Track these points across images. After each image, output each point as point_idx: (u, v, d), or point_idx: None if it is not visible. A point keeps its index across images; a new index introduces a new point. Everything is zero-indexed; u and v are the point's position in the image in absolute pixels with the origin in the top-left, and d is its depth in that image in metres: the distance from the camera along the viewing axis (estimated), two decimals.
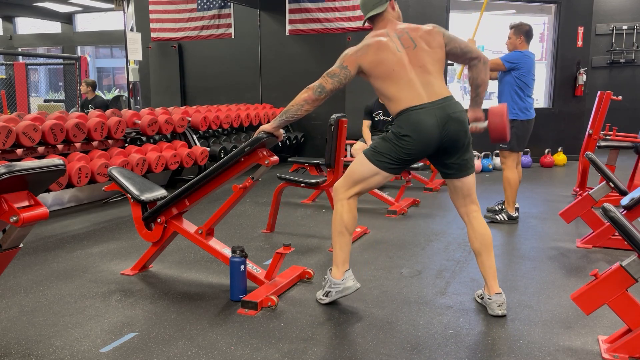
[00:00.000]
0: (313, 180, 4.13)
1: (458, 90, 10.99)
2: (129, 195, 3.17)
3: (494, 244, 3.91)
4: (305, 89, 2.67)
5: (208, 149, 6.13)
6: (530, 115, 4.45)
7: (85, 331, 2.48)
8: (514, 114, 4.42)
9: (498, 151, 4.74)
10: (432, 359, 2.24)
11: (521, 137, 4.45)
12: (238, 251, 2.81)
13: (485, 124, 2.89)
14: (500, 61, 4.41)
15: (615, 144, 5.57)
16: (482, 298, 2.80)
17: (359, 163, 2.67)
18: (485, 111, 2.83)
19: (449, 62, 7.97)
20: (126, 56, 7.49)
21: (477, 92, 2.81)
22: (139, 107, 9.17)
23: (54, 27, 16.38)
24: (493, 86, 4.59)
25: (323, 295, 2.79)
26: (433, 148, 2.58)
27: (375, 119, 6.08)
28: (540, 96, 8.41)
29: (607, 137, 5.64)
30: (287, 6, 7.85)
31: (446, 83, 2.80)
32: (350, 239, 2.74)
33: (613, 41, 9.25)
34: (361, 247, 3.79)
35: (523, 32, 4.44)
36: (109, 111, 5.60)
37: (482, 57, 2.73)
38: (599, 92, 5.68)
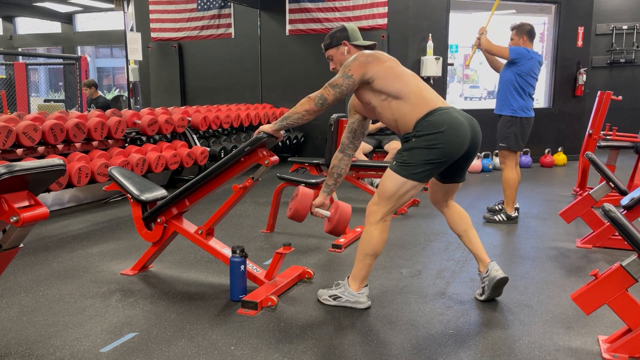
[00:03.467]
0: (313, 180, 4.12)
1: (459, 89, 10.97)
2: (129, 195, 3.18)
3: (494, 244, 3.94)
4: (307, 98, 2.64)
5: (208, 149, 6.13)
6: (529, 114, 4.45)
7: (85, 331, 2.48)
8: (512, 111, 4.42)
9: (497, 151, 4.73)
10: (432, 359, 2.24)
11: (519, 135, 4.44)
12: (238, 251, 2.81)
13: (328, 213, 2.89)
14: (506, 50, 4.39)
15: (615, 144, 5.57)
16: (482, 295, 2.81)
17: (390, 180, 2.56)
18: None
19: (449, 62, 7.95)
20: (126, 56, 7.49)
21: (337, 181, 2.91)
22: (139, 107, 9.17)
23: (54, 27, 16.39)
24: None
25: (331, 297, 2.78)
26: (464, 148, 2.53)
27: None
28: (540, 96, 8.41)
29: (607, 137, 5.64)
30: (287, 6, 7.86)
31: (447, 83, 2.83)
32: (374, 262, 2.69)
33: (613, 41, 9.24)
34: None
35: (525, 32, 4.43)
36: (109, 111, 5.60)
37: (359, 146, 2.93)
38: (599, 92, 5.68)
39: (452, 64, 8.03)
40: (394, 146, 5.95)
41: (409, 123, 2.53)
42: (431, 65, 7.22)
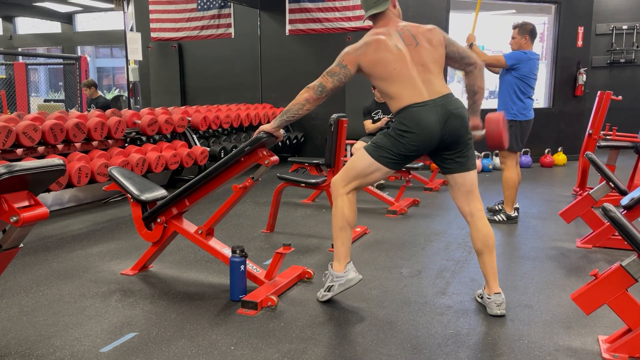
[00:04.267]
0: (313, 180, 4.13)
1: (459, 89, 10.96)
2: (129, 195, 3.17)
3: None
4: (306, 88, 2.69)
5: (208, 149, 6.13)
6: (529, 116, 4.45)
7: (85, 331, 2.48)
8: (513, 115, 4.42)
9: (497, 151, 4.72)
10: (432, 359, 2.24)
11: (520, 137, 4.45)
12: (238, 251, 2.81)
13: (482, 132, 2.90)
14: (502, 58, 4.39)
15: (615, 144, 5.57)
16: (482, 298, 2.80)
17: (360, 158, 2.68)
18: (483, 118, 2.84)
19: None
20: (126, 56, 7.49)
21: (474, 99, 2.84)
22: (139, 107, 9.17)
23: (54, 27, 16.38)
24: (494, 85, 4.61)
25: (325, 291, 2.78)
26: (435, 144, 2.59)
27: (375, 117, 6.09)
28: (540, 96, 8.41)
29: (607, 137, 5.64)
30: (287, 6, 7.86)
31: (446, 82, 2.82)
32: (352, 234, 2.75)
33: (613, 41, 9.24)
34: (361, 247, 3.79)
35: (527, 32, 4.42)
36: (109, 111, 5.61)
37: (478, 63, 2.77)
38: (599, 92, 5.68)
39: None
40: None
41: (394, 107, 2.66)
42: None
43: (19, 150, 4.53)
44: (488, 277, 2.71)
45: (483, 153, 7.27)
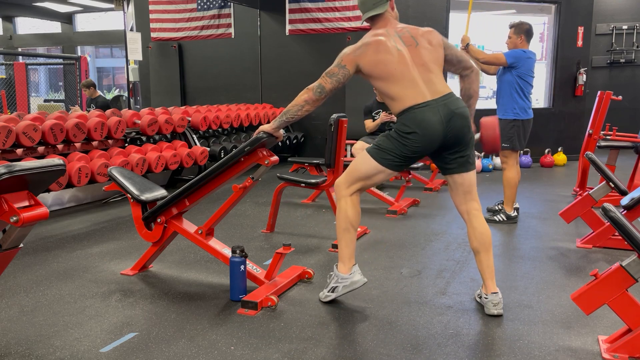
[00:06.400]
0: (313, 180, 4.13)
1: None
2: (129, 195, 3.17)
3: (494, 243, 3.93)
4: (305, 89, 2.69)
5: (208, 149, 6.13)
6: (530, 115, 4.46)
7: (85, 331, 2.48)
8: (515, 114, 4.42)
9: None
10: (432, 359, 2.24)
11: (522, 136, 4.45)
12: (238, 251, 2.81)
13: (477, 135, 2.91)
14: (502, 56, 4.38)
15: (615, 144, 5.57)
16: (480, 297, 2.80)
17: (362, 161, 2.68)
18: (478, 122, 2.86)
19: None
20: (126, 56, 7.49)
21: (469, 103, 2.86)
22: (139, 107, 9.17)
23: (54, 27, 16.39)
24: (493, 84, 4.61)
25: (329, 291, 2.78)
26: (437, 144, 2.59)
27: (375, 117, 6.09)
28: (540, 96, 8.41)
29: (607, 137, 5.64)
30: (287, 6, 7.86)
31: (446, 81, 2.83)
32: (356, 235, 2.74)
33: (613, 41, 9.25)
34: (361, 247, 3.79)
35: (523, 31, 4.42)
36: (109, 111, 5.61)
37: (474, 68, 2.83)
38: (599, 92, 5.68)
39: None
40: None
41: (396, 109, 2.65)
42: None
43: (19, 150, 4.53)
44: (485, 276, 2.71)
45: (483, 153, 7.28)
